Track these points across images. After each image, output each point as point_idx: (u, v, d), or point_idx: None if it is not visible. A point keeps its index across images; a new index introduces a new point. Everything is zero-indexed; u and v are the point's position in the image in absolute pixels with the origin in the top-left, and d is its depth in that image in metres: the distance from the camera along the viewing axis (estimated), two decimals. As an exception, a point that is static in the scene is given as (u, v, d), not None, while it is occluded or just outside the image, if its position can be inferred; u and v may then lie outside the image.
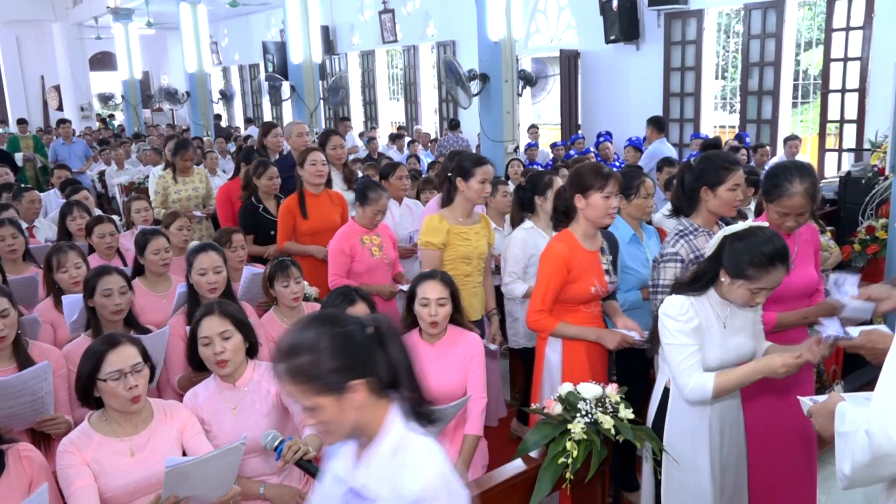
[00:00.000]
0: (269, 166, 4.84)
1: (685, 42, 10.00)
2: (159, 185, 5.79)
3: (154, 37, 21.84)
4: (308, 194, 4.53)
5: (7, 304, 2.68)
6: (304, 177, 4.51)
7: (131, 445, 2.29)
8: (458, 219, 3.70)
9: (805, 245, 2.90)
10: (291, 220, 4.47)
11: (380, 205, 3.97)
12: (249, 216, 4.81)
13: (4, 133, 17.50)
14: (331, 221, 4.51)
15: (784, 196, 2.68)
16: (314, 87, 10.00)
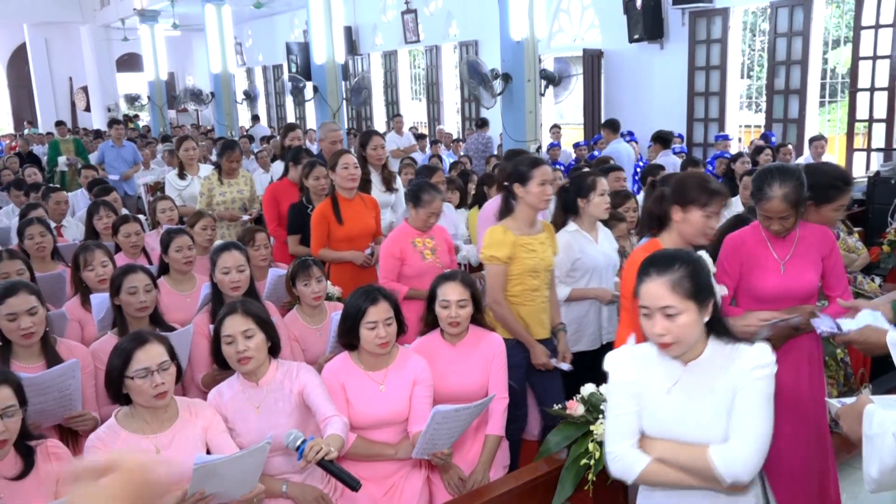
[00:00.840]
0: (316, 166, 4.71)
1: (710, 41, 9.90)
2: (204, 187, 5.67)
3: (179, 38, 22.09)
4: (341, 199, 4.35)
5: (35, 302, 2.73)
6: (335, 181, 4.36)
7: (156, 442, 2.31)
8: (521, 229, 3.33)
9: (806, 247, 2.80)
10: (325, 226, 4.30)
11: (434, 206, 3.83)
12: (297, 216, 4.67)
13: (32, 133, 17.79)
14: (366, 226, 4.39)
15: (763, 200, 2.71)
16: (337, 88, 10.05)
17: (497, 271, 3.31)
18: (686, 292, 1.81)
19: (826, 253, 2.80)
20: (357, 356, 2.75)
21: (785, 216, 2.69)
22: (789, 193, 2.64)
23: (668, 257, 1.89)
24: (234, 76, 14.30)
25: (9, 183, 7.12)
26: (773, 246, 2.83)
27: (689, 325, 1.81)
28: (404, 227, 3.94)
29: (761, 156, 7.10)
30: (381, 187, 5.05)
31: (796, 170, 2.75)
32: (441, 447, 2.56)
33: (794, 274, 2.77)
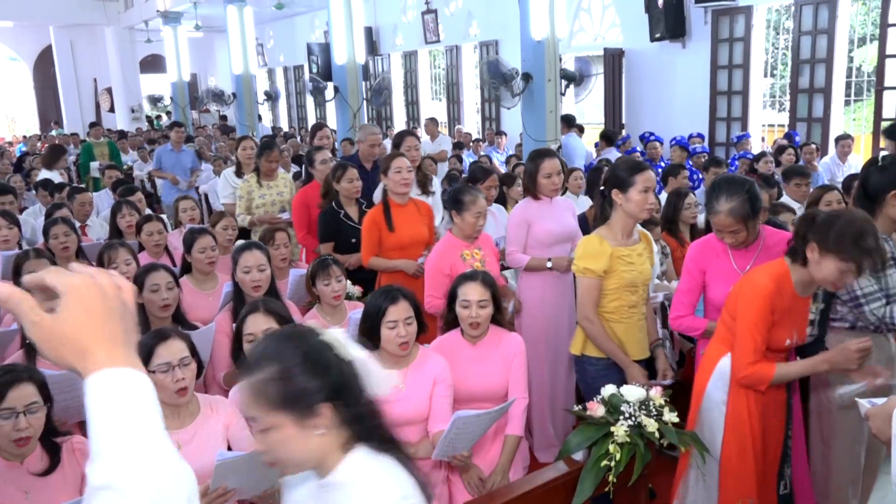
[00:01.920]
0: (348, 168, 4.52)
1: (733, 39, 9.80)
2: (243, 190, 5.49)
3: (202, 39, 22.32)
4: (393, 204, 4.14)
5: (61, 301, 2.76)
6: (388, 186, 4.13)
7: (178, 438, 2.34)
8: (618, 239, 3.07)
9: (768, 258, 2.70)
10: (377, 234, 4.07)
11: (478, 206, 3.60)
12: (330, 223, 4.46)
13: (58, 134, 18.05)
14: (419, 233, 4.19)
15: (711, 213, 2.73)
16: (357, 88, 10.08)
17: (590, 285, 3.04)
18: None
19: None
20: (377, 355, 2.75)
21: (734, 230, 2.69)
22: (735, 208, 2.64)
23: None
24: (255, 77, 14.39)
25: (35, 183, 7.23)
26: (734, 256, 2.82)
27: None
28: (450, 240, 3.70)
29: (784, 155, 7.02)
30: (417, 190, 4.87)
31: (745, 182, 2.71)
32: (460, 450, 2.56)
33: None
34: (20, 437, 2.12)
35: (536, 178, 3.87)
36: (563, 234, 3.99)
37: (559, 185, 3.89)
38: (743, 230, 2.68)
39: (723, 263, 2.84)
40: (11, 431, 2.11)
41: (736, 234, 2.69)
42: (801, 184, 5.05)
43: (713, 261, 2.86)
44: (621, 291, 3.06)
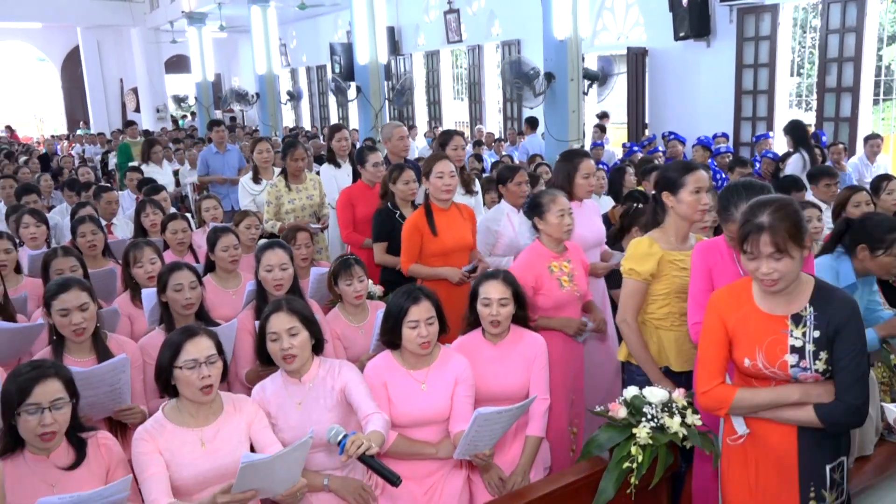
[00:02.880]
0: (404, 170, 4.34)
1: (759, 38, 9.68)
2: (271, 195, 5.24)
3: (226, 40, 22.53)
4: (436, 209, 3.95)
5: (87, 298, 2.80)
6: (429, 190, 3.94)
7: (201, 436, 2.36)
8: (671, 243, 2.94)
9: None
10: (418, 239, 3.89)
11: (559, 203, 3.33)
12: (385, 223, 4.28)
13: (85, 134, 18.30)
14: (463, 239, 3.99)
15: (725, 220, 2.60)
16: (380, 88, 10.11)
17: (634, 288, 2.93)
18: None
19: None
20: (399, 355, 2.76)
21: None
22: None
23: None
24: (278, 77, 14.50)
25: (63, 182, 7.33)
26: (739, 257, 2.44)
27: None
28: (538, 249, 3.41)
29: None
30: (460, 190, 4.72)
31: (765, 187, 2.53)
32: (482, 448, 2.55)
33: None
34: (45, 432, 2.15)
35: (574, 179, 3.79)
36: (593, 239, 3.89)
37: (595, 186, 3.83)
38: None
39: (729, 268, 2.63)
40: (37, 426, 2.14)
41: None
42: (830, 184, 4.98)
43: (718, 262, 2.67)
44: (671, 297, 2.92)
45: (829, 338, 2.07)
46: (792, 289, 2.10)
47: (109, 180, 12.18)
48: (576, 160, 3.82)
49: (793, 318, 2.11)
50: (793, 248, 2.01)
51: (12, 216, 5.04)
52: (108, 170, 13.35)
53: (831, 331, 2.06)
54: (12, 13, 19.24)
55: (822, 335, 2.07)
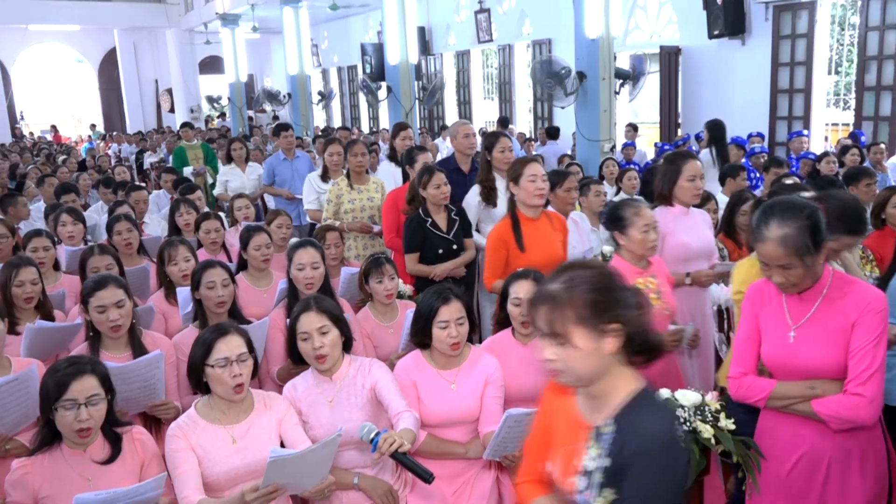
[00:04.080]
0: (435, 173, 4.11)
1: (795, 36, 9.51)
2: (332, 194, 5.04)
3: (258, 41, 22.78)
4: (523, 219, 3.58)
5: (123, 296, 2.85)
6: (518, 196, 3.59)
7: (233, 433, 2.38)
8: None
9: (831, 311, 2.21)
10: (504, 253, 3.55)
11: (644, 217, 3.03)
12: (416, 231, 4.08)
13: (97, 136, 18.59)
14: (553, 253, 3.59)
15: (757, 240, 2.17)
16: (410, 88, 10.13)
17: None
18: None
19: (856, 319, 2.13)
20: (429, 354, 2.76)
21: (785, 265, 2.10)
22: (790, 236, 2.07)
23: None
24: (310, 77, 14.60)
25: (98, 181, 7.47)
26: (788, 303, 2.23)
27: None
28: (620, 265, 3.06)
29: (847, 155, 6.77)
30: (508, 194, 4.60)
31: (806, 207, 2.12)
32: (512, 449, 2.54)
33: (804, 346, 2.18)
34: (81, 427, 2.19)
35: (678, 182, 3.43)
36: (700, 248, 3.51)
37: (701, 191, 3.49)
38: (798, 267, 2.10)
39: (775, 311, 2.27)
40: (73, 422, 2.18)
41: (787, 270, 2.12)
42: (870, 184, 4.87)
43: (765, 305, 2.29)
44: None
45: (615, 473, 1.55)
46: (609, 387, 1.60)
47: (144, 179, 12.39)
48: (679, 162, 3.44)
49: (595, 432, 1.63)
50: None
51: (51, 214, 5.15)
52: (143, 169, 13.59)
53: (619, 465, 1.54)
54: (52, 16, 19.70)
55: (611, 466, 1.57)
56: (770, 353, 2.24)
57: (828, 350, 2.14)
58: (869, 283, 2.25)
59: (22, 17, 19.40)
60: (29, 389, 2.54)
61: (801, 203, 2.14)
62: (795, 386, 2.19)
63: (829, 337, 2.15)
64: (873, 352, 2.09)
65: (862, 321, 2.12)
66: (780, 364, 2.22)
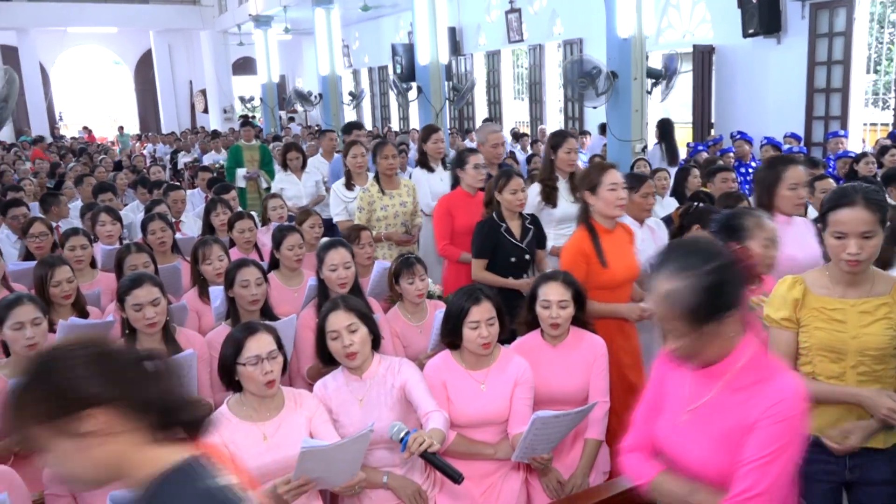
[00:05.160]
0: (512, 177, 3.86)
1: (832, 34, 9.33)
2: (364, 201, 4.77)
3: (291, 42, 22.99)
4: (601, 230, 3.31)
5: (158, 294, 2.91)
6: (595, 206, 3.29)
7: (264, 430, 2.42)
8: (828, 287, 2.24)
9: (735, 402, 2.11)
10: (583, 268, 3.23)
11: (766, 231, 2.73)
12: (488, 236, 3.86)
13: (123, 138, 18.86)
14: (633, 269, 3.35)
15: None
16: (440, 88, 10.14)
17: (780, 339, 2.28)
18: None
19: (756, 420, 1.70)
20: (459, 355, 2.77)
21: (671, 330, 1.66)
22: (678, 292, 1.62)
23: None
24: (341, 78, 14.68)
25: (135, 181, 7.60)
26: (693, 375, 1.79)
27: None
28: None
29: (886, 156, 6.63)
30: (570, 197, 4.28)
31: (720, 255, 1.69)
32: (541, 452, 2.54)
33: (692, 436, 1.77)
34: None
35: (777, 191, 3.07)
36: (808, 261, 3.07)
37: (804, 200, 3.23)
38: (686, 336, 1.64)
39: (679, 380, 1.83)
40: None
41: (674, 336, 1.66)
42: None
43: (675, 370, 1.85)
44: (814, 354, 2.25)
45: None
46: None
47: (179, 179, 12.58)
48: (779, 168, 3.12)
49: None
50: None
51: (88, 213, 5.25)
52: (178, 169, 13.81)
53: None
54: (91, 18, 20.14)
55: None
56: (659, 433, 1.85)
57: (714, 450, 1.71)
58: (791, 376, 1.74)
59: (61, 19, 19.84)
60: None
61: (710, 251, 1.66)
62: (677, 483, 1.80)
63: (720, 434, 1.69)
64: (764, 469, 1.62)
65: (762, 426, 1.63)
66: (664, 449, 1.84)
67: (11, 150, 15.54)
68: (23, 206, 5.49)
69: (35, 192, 7.75)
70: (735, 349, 1.70)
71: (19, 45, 20.02)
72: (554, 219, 4.34)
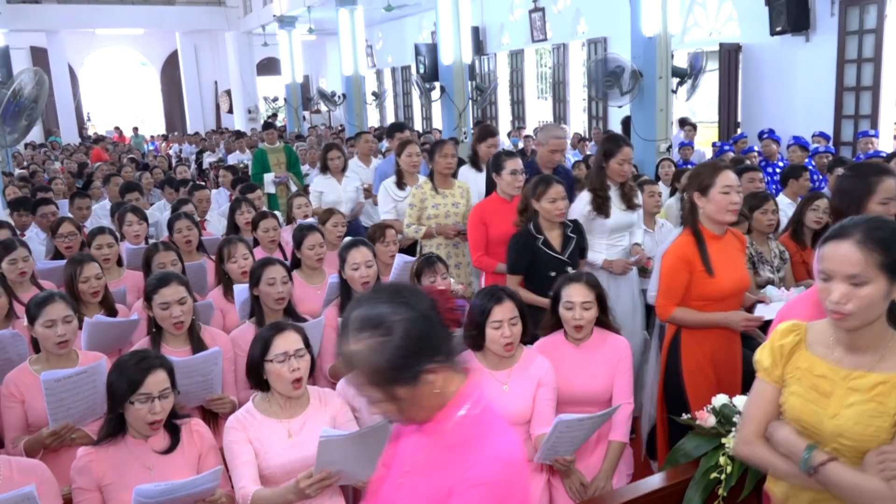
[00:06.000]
0: (552, 184, 3.58)
1: (863, 31, 9.17)
2: (416, 199, 4.66)
3: (314, 42, 23.12)
4: (709, 237, 2.98)
5: (185, 293, 2.94)
6: (704, 209, 2.97)
7: (289, 427, 2.43)
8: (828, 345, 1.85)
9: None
10: (685, 276, 2.96)
11: None
12: (523, 250, 3.60)
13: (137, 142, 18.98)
14: (743, 278, 3.07)
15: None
16: (463, 88, 10.14)
17: (755, 390, 1.96)
18: None
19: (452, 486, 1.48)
20: (482, 355, 2.76)
21: (366, 395, 1.49)
22: (363, 354, 1.42)
23: None
24: (364, 78, 14.74)
25: (162, 181, 7.70)
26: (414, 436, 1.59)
27: None
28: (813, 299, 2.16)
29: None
30: (621, 205, 4.04)
31: (396, 311, 1.44)
32: (563, 454, 2.52)
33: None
34: (154, 420, 2.28)
35: (867, 205, 2.60)
36: None
37: None
38: (381, 400, 1.47)
39: (404, 441, 1.64)
40: (147, 415, 2.27)
41: (370, 402, 1.50)
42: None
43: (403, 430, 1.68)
44: None
45: None
46: None
47: (204, 179, 12.71)
48: (871, 179, 2.67)
49: None
50: None
51: (116, 212, 5.32)
52: (203, 168, 13.96)
53: None
54: (118, 20, 20.42)
55: None
56: (380, 498, 1.64)
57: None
58: (506, 436, 1.49)
59: (90, 21, 20.14)
60: (97, 383, 2.63)
61: (396, 303, 1.44)
62: None
63: (426, 498, 1.49)
64: None
65: (458, 491, 1.42)
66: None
67: (41, 150, 15.83)
68: (52, 204, 5.58)
69: (64, 191, 7.88)
70: (448, 403, 1.47)
71: (49, 47, 20.36)
72: (605, 229, 4.02)
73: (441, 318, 1.46)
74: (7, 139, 5.17)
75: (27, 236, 5.17)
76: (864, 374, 1.75)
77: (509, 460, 1.42)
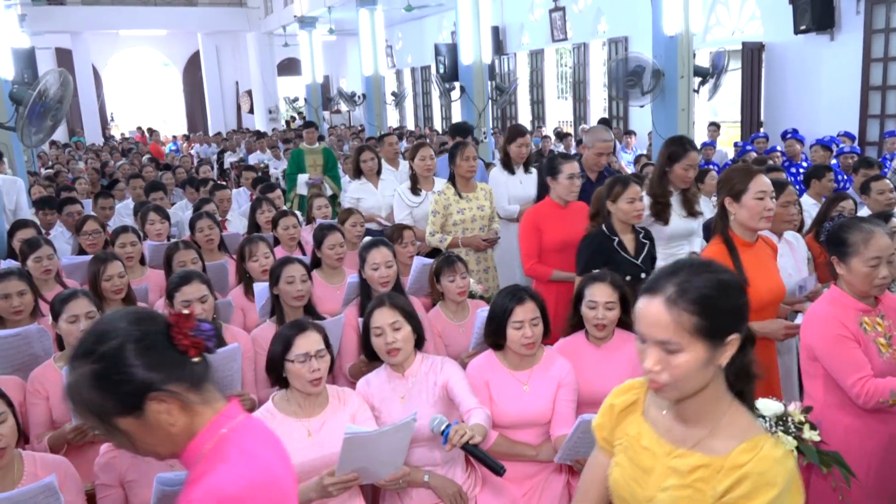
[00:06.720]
0: (629, 185, 3.45)
1: (889, 29, 9.04)
2: (439, 204, 4.50)
3: (335, 43, 23.22)
4: (741, 244, 2.89)
5: (206, 291, 2.96)
6: (737, 215, 2.87)
7: (308, 426, 2.43)
8: None
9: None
10: None
11: (876, 248, 2.40)
12: (598, 252, 3.43)
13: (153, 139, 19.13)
14: (777, 285, 2.99)
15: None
16: (483, 88, 10.12)
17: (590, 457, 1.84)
18: None
19: None
20: (502, 355, 2.75)
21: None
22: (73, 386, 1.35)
23: None
24: (384, 78, 14.77)
25: (184, 181, 7.76)
26: None
27: None
28: (842, 299, 2.50)
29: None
30: (682, 212, 3.85)
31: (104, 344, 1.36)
32: (584, 454, 2.50)
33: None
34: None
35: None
36: None
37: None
38: (106, 433, 1.40)
39: None
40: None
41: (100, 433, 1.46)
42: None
43: None
44: None
45: None
46: None
47: (225, 178, 12.82)
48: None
49: None
50: None
51: (139, 212, 5.38)
52: (224, 168, 14.07)
53: None
54: (141, 21, 20.67)
55: None
56: None
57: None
58: (226, 473, 1.36)
59: (113, 23, 20.41)
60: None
61: (101, 332, 1.35)
62: None
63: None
64: None
65: None
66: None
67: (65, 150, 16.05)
68: (77, 203, 5.65)
69: (88, 190, 7.98)
70: (198, 434, 1.37)
71: (73, 48, 20.65)
72: (664, 236, 3.82)
73: (174, 343, 1.35)
74: (33, 139, 5.24)
75: (52, 235, 5.24)
76: (686, 452, 1.48)
77: (222, 497, 1.28)
